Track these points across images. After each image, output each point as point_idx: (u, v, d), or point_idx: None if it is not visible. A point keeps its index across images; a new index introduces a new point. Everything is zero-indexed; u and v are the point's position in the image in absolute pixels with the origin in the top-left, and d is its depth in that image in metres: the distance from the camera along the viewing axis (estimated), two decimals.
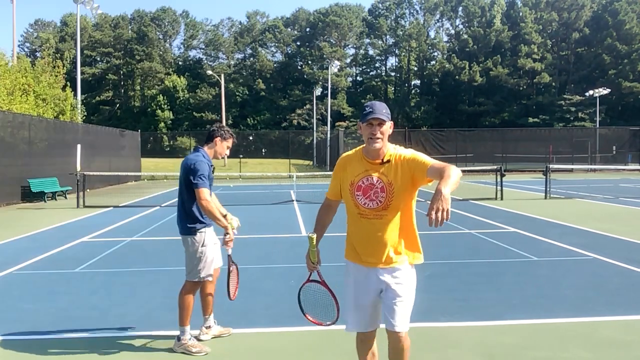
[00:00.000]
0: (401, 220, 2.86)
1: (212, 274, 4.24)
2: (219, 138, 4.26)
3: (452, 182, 2.48)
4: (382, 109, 2.81)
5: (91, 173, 19.15)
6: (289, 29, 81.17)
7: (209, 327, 4.43)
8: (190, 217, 4.15)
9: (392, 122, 2.87)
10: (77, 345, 4.34)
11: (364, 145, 2.91)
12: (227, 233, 4.12)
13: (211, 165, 4.24)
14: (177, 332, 4.53)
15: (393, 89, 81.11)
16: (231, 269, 4.34)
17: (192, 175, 4.04)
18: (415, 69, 78.60)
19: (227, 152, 4.36)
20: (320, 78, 70.73)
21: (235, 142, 4.41)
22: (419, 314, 3.79)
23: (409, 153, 2.85)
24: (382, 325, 2.96)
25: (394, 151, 2.87)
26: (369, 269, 2.91)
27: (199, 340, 4.30)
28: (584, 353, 4.06)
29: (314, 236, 3.00)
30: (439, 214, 2.32)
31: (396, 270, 2.87)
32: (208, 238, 4.22)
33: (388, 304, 2.87)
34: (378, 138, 2.80)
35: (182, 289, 4.25)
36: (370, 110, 2.80)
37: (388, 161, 2.84)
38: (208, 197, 4.03)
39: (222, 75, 48.76)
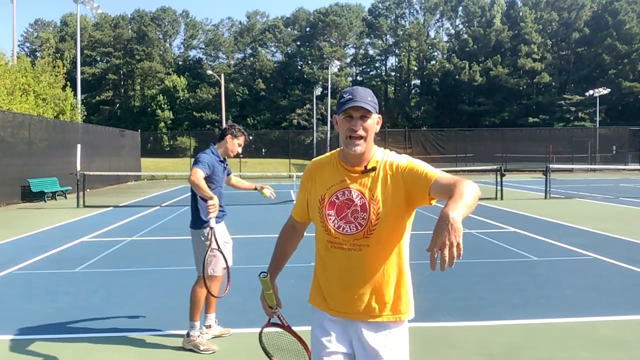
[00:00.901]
0: (389, 254, 2.02)
1: (218, 270, 4.23)
2: (229, 136, 4.35)
3: (466, 204, 1.67)
4: (365, 96, 2.00)
5: (91, 173, 19.15)
6: (289, 29, 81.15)
7: (209, 326, 4.43)
8: (198, 211, 4.22)
9: (379, 115, 2.08)
10: (77, 345, 4.34)
11: (341, 147, 2.11)
12: (212, 201, 3.96)
13: (222, 161, 4.33)
14: (177, 332, 4.54)
15: (393, 88, 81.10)
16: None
17: (194, 164, 4.16)
18: (415, 68, 78.59)
19: (239, 149, 4.42)
20: (320, 78, 70.71)
21: (247, 139, 4.45)
22: (419, 313, 3.77)
23: (405, 160, 2.04)
24: None
25: (383, 156, 2.06)
26: (341, 322, 2.06)
27: None
28: (584, 353, 4.06)
29: (267, 278, 2.25)
30: (446, 252, 1.55)
31: (379, 328, 2.02)
32: (217, 234, 4.24)
33: None
34: (360, 137, 1.98)
35: (194, 284, 4.28)
36: (350, 97, 1.98)
37: (373, 169, 2.02)
38: (198, 175, 3.98)
39: (222, 75, 48.76)
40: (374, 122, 2.04)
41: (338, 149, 2.15)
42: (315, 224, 2.13)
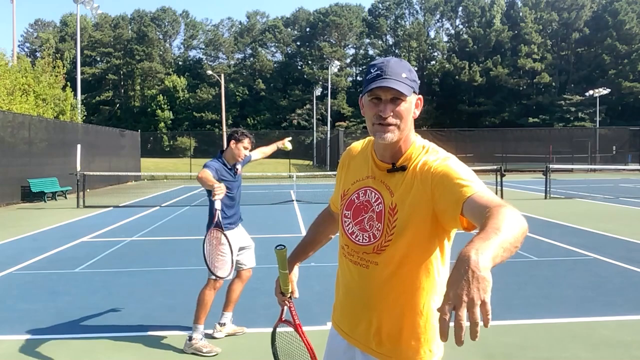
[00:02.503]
0: (404, 281, 1.60)
1: (227, 275, 4.24)
2: (233, 141, 4.39)
3: (501, 243, 1.20)
4: (399, 72, 1.53)
5: (91, 173, 19.15)
6: (289, 29, 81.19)
7: (224, 324, 4.45)
8: (211, 214, 4.27)
9: (419, 95, 1.62)
10: (77, 345, 4.34)
11: None
12: (217, 185, 3.96)
13: (230, 168, 4.39)
14: (177, 332, 4.54)
15: None
16: (215, 235, 3.92)
17: (202, 168, 4.27)
18: (416, 69, 78.00)
19: (246, 152, 4.46)
20: (320, 78, 70.73)
21: (253, 141, 4.49)
22: None
23: (442, 161, 1.54)
24: None
25: (419, 152, 1.61)
26: (345, 344, 1.74)
27: (212, 338, 4.32)
28: (584, 353, 4.06)
29: (284, 250, 1.91)
30: (463, 312, 1.05)
31: None
32: (230, 239, 4.26)
33: None
34: (390, 125, 1.53)
35: (204, 287, 4.28)
36: (378, 72, 1.53)
37: (403, 168, 1.59)
38: (204, 173, 4.09)
39: (222, 75, 48.73)
40: (411, 105, 1.57)
41: None
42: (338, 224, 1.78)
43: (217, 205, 3.95)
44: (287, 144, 5.06)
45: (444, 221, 1.50)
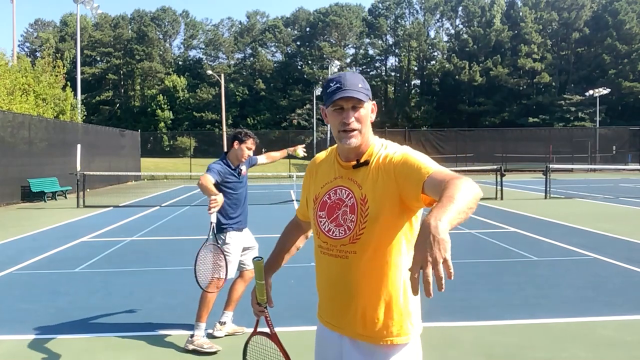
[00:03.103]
0: (380, 264, 1.76)
1: (232, 274, 4.27)
2: (236, 142, 4.41)
3: (457, 209, 1.37)
4: (356, 83, 1.77)
5: (91, 173, 19.16)
6: (289, 29, 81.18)
7: (224, 323, 4.47)
8: (221, 215, 4.32)
9: (373, 101, 1.84)
10: (77, 345, 4.35)
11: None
12: (214, 197, 4.00)
13: (234, 169, 4.40)
14: (177, 332, 4.55)
15: (393, 88, 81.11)
16: (208, 249, 4.04)
17: (205, 171, 4.27)
18: (415, 68, 78.60)
19: (250, 152, 4.47)
20: (320, 78, 70.70)
21: (257, 141, 4.51)
22: None
23: (400, 152, 1.76)
24: None
25: (378, 149, 1.82)
26: (334, 336, 1.87)
27: (212, 337, 4.34)
28: (584, 353, 4.07)
29: (261, 261, 2.02)
30: (429, 270, 1.25)
31: (364, 350, 1.78)
32: (232, 238, 4.31)
33: None
34: (354, 130, 1.75)
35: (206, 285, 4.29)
36: (337, 85, 1.75)
37: (366, 163, 1.79)
38: (205, 180, 4.11)
39: (222, 75, 48.72)
40: (368, 110, 1.79)
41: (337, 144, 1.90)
42: (312, 227, 1.94)
43: (213, 218, 4.01)
44: (299, 150, 5.02)
45: (409, 202, 1.70)
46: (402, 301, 1.78)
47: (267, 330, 2.08)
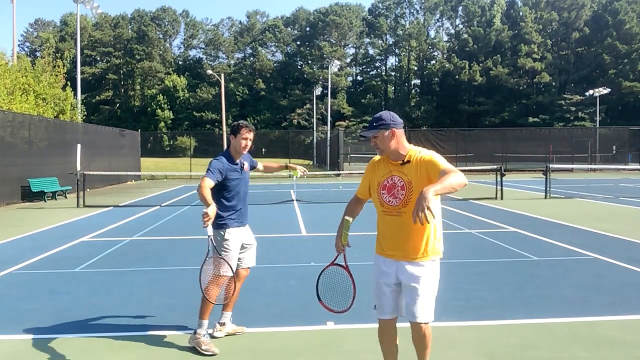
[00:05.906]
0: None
1: (230, 271, 4.24)
2: (232, 135, 4.42)
3: (443, 186, 2.67)
4: (372, 124, 3.13)
5: (91, 173, 19.14)
6: (289, 29, 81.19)
7: (223, 324, 4.47)
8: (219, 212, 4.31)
9: (390, 129, 3.09)
10: (77, 345, 4.35)
11: None
12: (206, 210, 4.00)
13: (237, 163, 4.39)
14: (177, 332, 4.56)
15: (393, 88, 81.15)
16: (210, 262, 4.14)
17: (205, 171, 4.26)
18: (415, 68, 78.62)
19: (248, 142, 4.41)
20: (320, 78, 70.72)
21: (251, 129, 4.44)
22: None
23: (428, 154, 3.08)
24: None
25: (415, 152, 3.11)
26: (391, 262, 3.14)
27: (212, 337, 4.34)
28: (584, 353, 4.06)
29: (350, 219, 3.26)
30: (419, 214, 2.52)
31: (416, 265, 3.07)
32: (231, 235, 4.31)
33: (408, 297, 3.10)
34: (378, 148, 3.16)
35: (207, 282, 4.28)
36: (368, 124, 3.15)
37: (408, 161, 3.09)
38: (205, 184, 4.10)
39: (222, 75, 48.72)
40: (383, 135, 3.10)
41: None
42: (374, 201, 3.23)
43: (209, 231, 4.03)
44: (299, 172, 4.88)
45: (432, 181, 2.94)
46: (432, 236, 3.10)
47: (342, 263, 3.35)
